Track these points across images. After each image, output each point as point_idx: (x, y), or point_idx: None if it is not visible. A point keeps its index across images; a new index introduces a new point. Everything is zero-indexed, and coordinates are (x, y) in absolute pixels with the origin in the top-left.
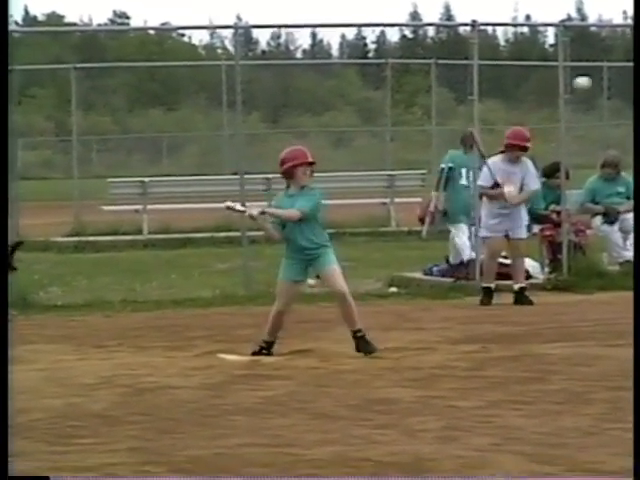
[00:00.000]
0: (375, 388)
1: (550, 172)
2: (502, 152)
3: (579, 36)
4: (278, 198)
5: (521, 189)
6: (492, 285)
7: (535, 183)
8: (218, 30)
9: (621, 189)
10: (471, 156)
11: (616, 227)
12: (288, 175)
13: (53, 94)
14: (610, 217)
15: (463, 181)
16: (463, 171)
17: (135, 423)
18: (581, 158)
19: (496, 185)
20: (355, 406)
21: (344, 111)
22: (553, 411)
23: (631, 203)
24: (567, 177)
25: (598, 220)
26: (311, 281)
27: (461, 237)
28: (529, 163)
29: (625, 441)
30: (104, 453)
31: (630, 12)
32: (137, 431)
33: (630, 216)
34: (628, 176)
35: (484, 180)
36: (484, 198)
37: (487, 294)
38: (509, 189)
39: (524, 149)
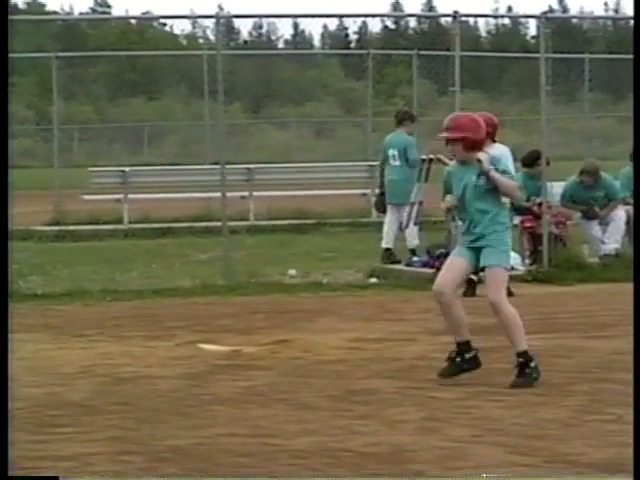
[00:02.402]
0: (356, 379)
1: (530, 161)
2: None
3: (560, 28)
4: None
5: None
6: (474, 277)
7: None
8: (200, 20)
9: (600, 194)
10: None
11: (596, 220)
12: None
13: (34, 83)
14: (589, 214)
15: (395, 161)
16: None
17: (114, 412)
18: (562, 150)
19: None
20: (336, 397)
21: (326, 101)
22: (533, 402)
23: (613, 205)
24: (547, 164)
25: (578, 214)
26: (291, 271)
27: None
28: (503, 148)
29: (605, 433)
30: (83, 442)
31: (611, 4)
32: (116, 420)
33: (613, 213)
34: (607, 177)
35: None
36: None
37: (470, 286)
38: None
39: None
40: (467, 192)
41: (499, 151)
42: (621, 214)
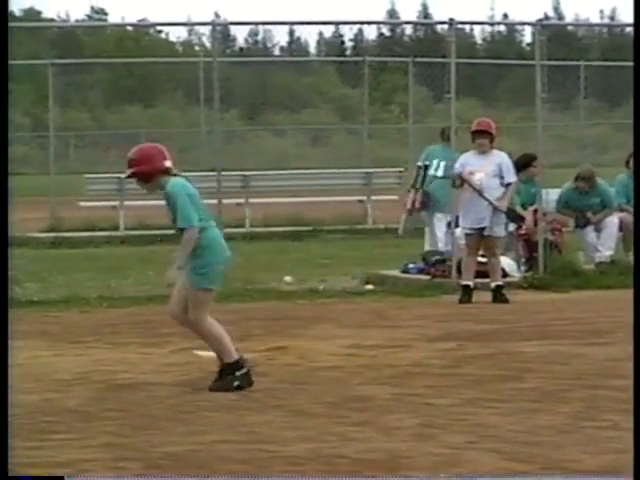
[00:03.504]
0: (351, 385)
1: (523, 164)
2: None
3: (556, 35)
4: None
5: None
6: (471, 283)
7: (511, 176)
8: (196, 27)
9: (595, 200)
10: (448, 149)
11: (591, 227)
12: None
13: (30, 90)
14: (581, 222)
15: (438, 172)
16: (438, 162)
17: (110, 419)
18: (558, 157)
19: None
20: (331, 403)
21: (322, 108)
22: (528, 409)
23: (607, 212)
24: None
25: (572, 222)
26: (287, 278)
27: (440, 227)
28: (505, 156)
29: (600, 439)
30: (79, 449)
31: (607, 12)
32: (112, 427)
33: (607, 220)
34: (602, 183)
35: (455, 167)
36: (462, 195)
37: (466, 292)
38: (480, 176)
39: (486, 134)
40: None
41: (506, 158)
42: (614, 220)
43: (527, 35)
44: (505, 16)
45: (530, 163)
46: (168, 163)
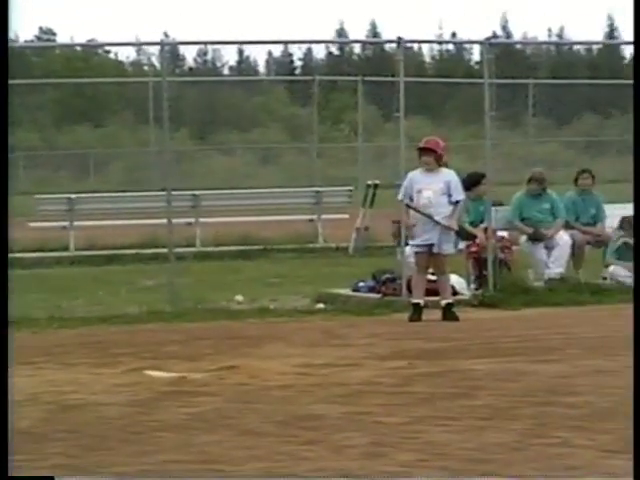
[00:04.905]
0: (302, 404)
1: (471, 182)
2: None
3: (504, 53)
4: None
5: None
6: (421, 301)
7: (459, 193)
8: (144, 47)
9: (546, 205)
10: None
11: (541, 244)
12: None
13: None
14: (537, 237)
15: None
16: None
17: (61, 440)
18: (507, 175)
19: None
20: (282, 422)
21: (271, 127)
22: (479, 427)
23: (559, 225)
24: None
25: (524, 237)
26: (238, 297)
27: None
28: (453, 174)
29: (550, 456)
30: (30, 470)
31: (555, 30)
32: (63, 448)
33: (558, 235)
34: (553, 193)
35: (401, 193)
36: (411, 212)
37: (417, 310)
38: (428, 194)
39: (431, 152)
40: None
41: (454, 176)
42: (566, 238)
43: (475, 53)
44: (453, 35)
45: (478, 181)
46: None
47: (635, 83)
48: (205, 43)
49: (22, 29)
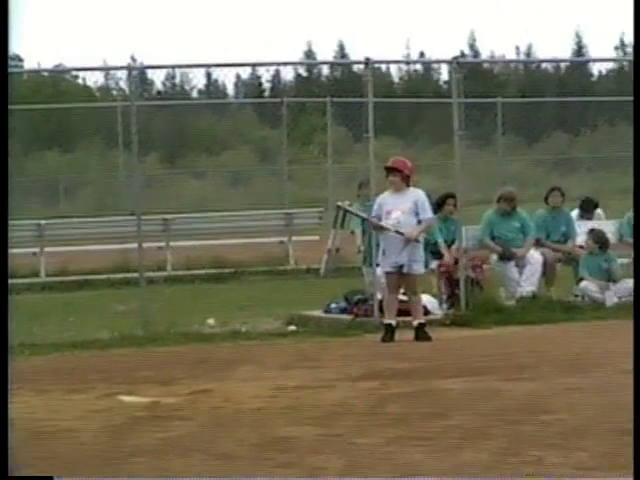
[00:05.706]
0: (276, 427)
1: (439, 201)
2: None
3: (472, 72)
4: None
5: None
6: (393, 321)
7: (427, 212)
8: (112, 71)
9: (516, 224)
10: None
11: (512, 262)
12: None
13: None
14: (507, 256)
15: None
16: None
17: (34, 467)
18: (477, 194)
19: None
20: (256, 445)
21: (241, 150)
22: (453, 446)
23: (530, 243)
24: (455, 206)
25: (495, 256)
26: (210, 321)
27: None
28: (421, 193)
29: (526, 475)
30: None
31: (523, 48)
32: (36, 475)
33: (529, 253)
34: (523, 212)
35: (373, 209)
36: (380, 235)
37: (389, 331)
38: (396, 214)
39: (397, 171)
40: None
41: (422, 195)
42: (537, 256)
43: (444, 73)
44: (421, 54)
45: (445, 201)
46: None
47: (635, 90)
48: (173, 67)
49: None
